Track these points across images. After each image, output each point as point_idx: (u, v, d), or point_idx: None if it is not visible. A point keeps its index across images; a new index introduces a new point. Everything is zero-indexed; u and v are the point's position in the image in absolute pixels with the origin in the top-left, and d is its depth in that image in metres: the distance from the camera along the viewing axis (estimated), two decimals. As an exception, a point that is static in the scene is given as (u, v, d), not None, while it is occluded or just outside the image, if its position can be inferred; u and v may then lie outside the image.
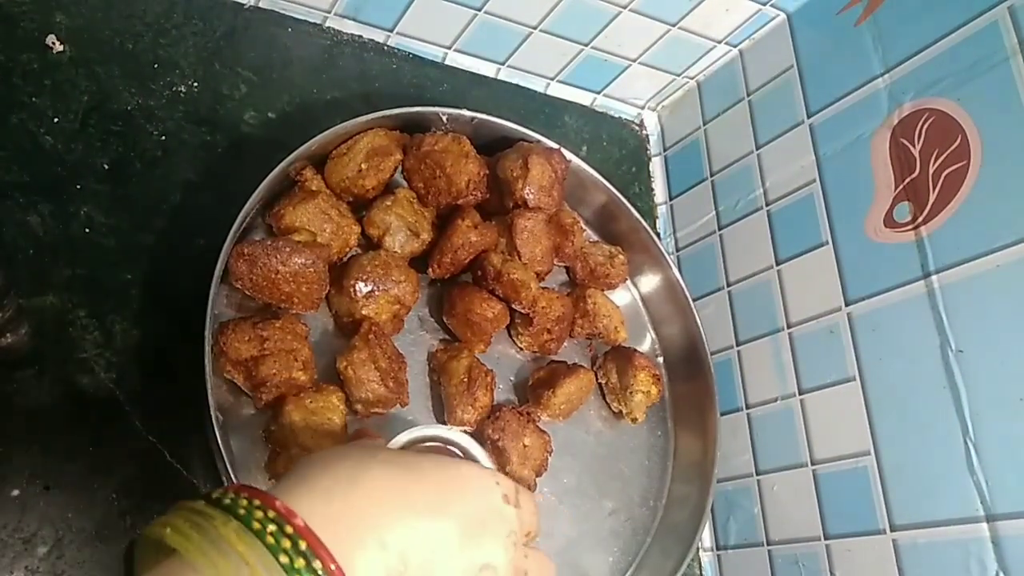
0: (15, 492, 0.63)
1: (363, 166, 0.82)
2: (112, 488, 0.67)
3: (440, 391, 0.83)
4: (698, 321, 0.97)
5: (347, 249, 0.81)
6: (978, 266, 0.69)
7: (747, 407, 0.94)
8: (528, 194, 0.88)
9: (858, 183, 0.82)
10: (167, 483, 0.70)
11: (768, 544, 0.88)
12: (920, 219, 0.75)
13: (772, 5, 0.95)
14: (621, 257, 0.97)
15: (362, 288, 0.78)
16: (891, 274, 0.76)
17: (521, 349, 0.92)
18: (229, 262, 0.71)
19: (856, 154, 0.83)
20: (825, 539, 0.79)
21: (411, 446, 0.74)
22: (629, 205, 0.99)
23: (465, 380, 0.80)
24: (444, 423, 0.82)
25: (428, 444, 0.76)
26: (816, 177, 0.87)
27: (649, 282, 1.02)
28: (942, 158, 0.74)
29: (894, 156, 0.78)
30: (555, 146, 0.93)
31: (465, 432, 0.79)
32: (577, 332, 0.94)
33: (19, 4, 0.79)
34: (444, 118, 0.90)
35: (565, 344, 0.91)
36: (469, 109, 0.90)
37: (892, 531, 0.72)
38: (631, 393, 0.92)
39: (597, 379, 0.95)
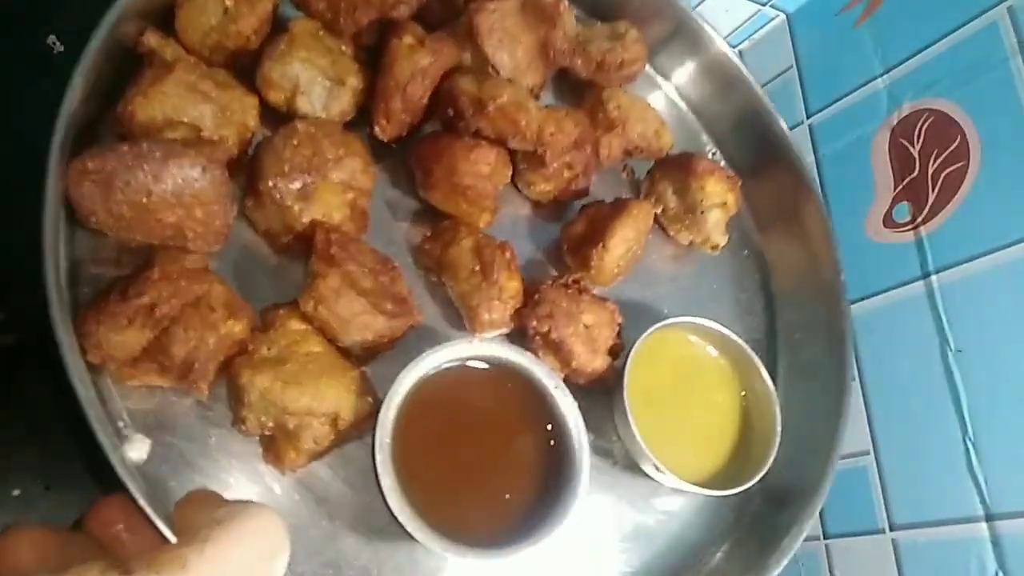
0: (16, 492, 0.60)
1: (228, 3, 0.61)
2: (112, 489, 0.57)
3: (448, 292, 0.66)
4: (758, 91, 0.80)
5: (248, 135, 0.61)
6: (977, 266, 0.70)
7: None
8: (481, -27, 0.65)
9: (858, 183, 0.82)
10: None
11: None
12: (919, 219, 0.76)
13: (772, 5, 0.93)
14: (632, 32, 0.77)
15: (288, 186, 0.58)
16: (890, 274, 0.77)
17: (537, 203, 0.73)
18: (69, 189, 0.52)
19: (855, 154, 0.83)
20: (825, 538, 0.78)
21: (436, 376, 0.58)
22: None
23: (476, 269, 0.64)
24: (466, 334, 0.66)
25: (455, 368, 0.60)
26: (816, 177, 0.85)
27: (677, 58, 0.83)
28: (941, 158, 0.75)
29: (893, 156, 0.80)
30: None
31: (500, 339, 0.64)
32: (605, 156, 0.74)
33: (18, 3, 0.69)
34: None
35: (594, 178, 0.73)
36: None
37: (892, 531, 0.73)
38: (703, 212, 0.73)
39: (650, 209, 0.77)
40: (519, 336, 0.65)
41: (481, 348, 0.60)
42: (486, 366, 0.60)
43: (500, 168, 0.65)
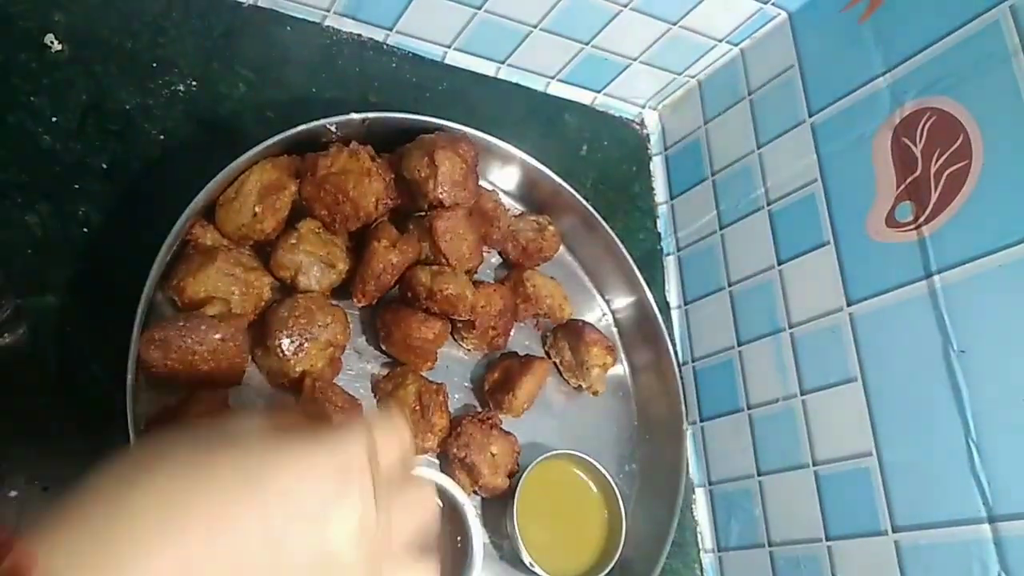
0: (13, 493, 0.62)
1: (257, 209, 0.75)
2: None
3: (394, 420, 0.80)
4: (639, 277, 0.96)
5: (261, 303, 0.75)
6: (980, 266, 0.69)
7: (749, 408, 0.92)
8: (441, 193, 0.80)
9: (859, 182, 0.81)
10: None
11: (770, 545, 0.87)
12: (922, 219, 0.74)
13: (773, 4, 0.94)
14: (551, 228, 0.93)
15: (288, 345, 0.73)
16: (893, 274, 0.76)
17: (468, 352, 0.89)
18: (140, 352, 0.65)
19: (858, 153, 0.82)
20: (827, 540, 0.79)
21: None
22: (545, 169, 0.93)
23: (417, 407, 0.78)
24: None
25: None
26: (817, 176, 0.86)
27: (583, 244, 0.99)
28: (944, 157, 0.73)
29: (896, 155, 0.78)
30: (459, 130, 0.85)
31: (428, 459, 0.78)
32: (522, 315, 0.91)
33: (17, 3, 0.77)
34: (333, 128, 0.81)
35: (512, 331, 0.89)
36: (406, 111, 0.85)
37: (894, 532, 0.72)
38: (587, 368, 0.90)
39: (550, 358, 0.93)
40: (442, 457, 0.79)
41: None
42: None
43: (442, 335, 0.80)
